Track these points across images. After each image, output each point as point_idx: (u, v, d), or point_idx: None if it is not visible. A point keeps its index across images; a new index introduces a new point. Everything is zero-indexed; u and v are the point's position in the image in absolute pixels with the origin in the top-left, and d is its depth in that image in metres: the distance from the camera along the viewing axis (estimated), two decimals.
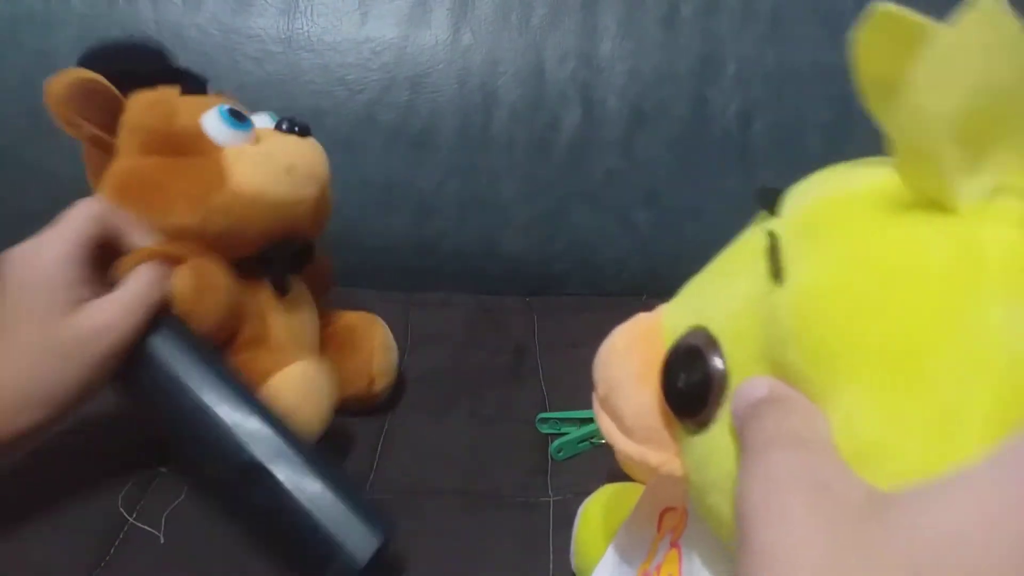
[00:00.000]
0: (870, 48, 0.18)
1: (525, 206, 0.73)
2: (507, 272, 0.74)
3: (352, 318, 0.55)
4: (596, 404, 0.27)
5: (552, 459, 0.50)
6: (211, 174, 0.42)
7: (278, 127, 0.47)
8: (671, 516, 0.30)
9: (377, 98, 0.71)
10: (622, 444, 0.25)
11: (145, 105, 0.44)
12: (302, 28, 0.71)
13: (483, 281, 0.74)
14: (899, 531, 0.14)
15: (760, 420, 0.19)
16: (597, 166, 0.73)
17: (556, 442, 0.51)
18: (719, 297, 0.23)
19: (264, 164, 0.44)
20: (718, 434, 0.21)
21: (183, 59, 0.49)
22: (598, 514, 0.37)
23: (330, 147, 0.49)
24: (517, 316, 0.69)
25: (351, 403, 0.50)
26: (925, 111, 0.16)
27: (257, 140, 0.45)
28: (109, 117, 0.43)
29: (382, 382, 0.53)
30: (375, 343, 0.53)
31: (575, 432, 0.51)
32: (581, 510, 0.39)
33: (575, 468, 0.49)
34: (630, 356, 0.25)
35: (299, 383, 0.43)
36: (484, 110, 0.72)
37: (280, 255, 0.47)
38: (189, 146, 0.43)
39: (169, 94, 0.45)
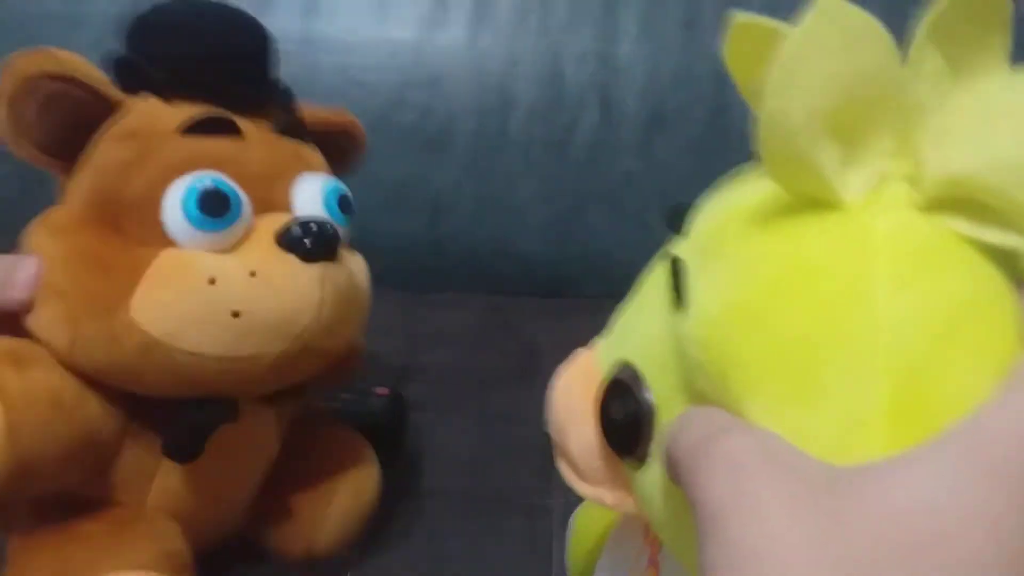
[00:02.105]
0: (739, 59, 0.18)
1: (541, 207, 0.73)
2: (521, 273, 0.74)
3: (332, 440, 0.40)
4: (555, 451, 0.26)
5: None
6: (119, 284, 0.28)
7: (281, 233, 0.30)
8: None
9: (394, 99, 0.71)
10: (578, 486, 0.24)
11: (118, 137, 0.30)
12: (320, 29, 0.71)
13: (497, 282, 0.73)
14: (870, 504, 0.14)
15: (691, 426, 0.18)
16: (614, 168, 0.72)
17: None
18: (639, 329, 0.23)
19: (192, 298, 0.29)
20: (655, 469, 0.21)
21: None
22: (589, 523, 0.37)
23: None
24: (529, 317, 0.68)
25: (304, 554, 0.37)
26: (783, 116, 0.16)
27: (237, 243, 0.30)
28: (72, 134, 0.30)
29: (348, 535, 0.39)
30: (350, 483, 0.39)
31: None
32: (573, 519, 0.38)
33: None
34: (571, 397, 0.25)
35: None
36: (501, 111, 0.72)
37: (195, 417, 0.31)
38: (133, 225, 0.29)
39: (168, 120, 0.30)
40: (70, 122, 0.29)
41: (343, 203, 0.34)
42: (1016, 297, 0.16)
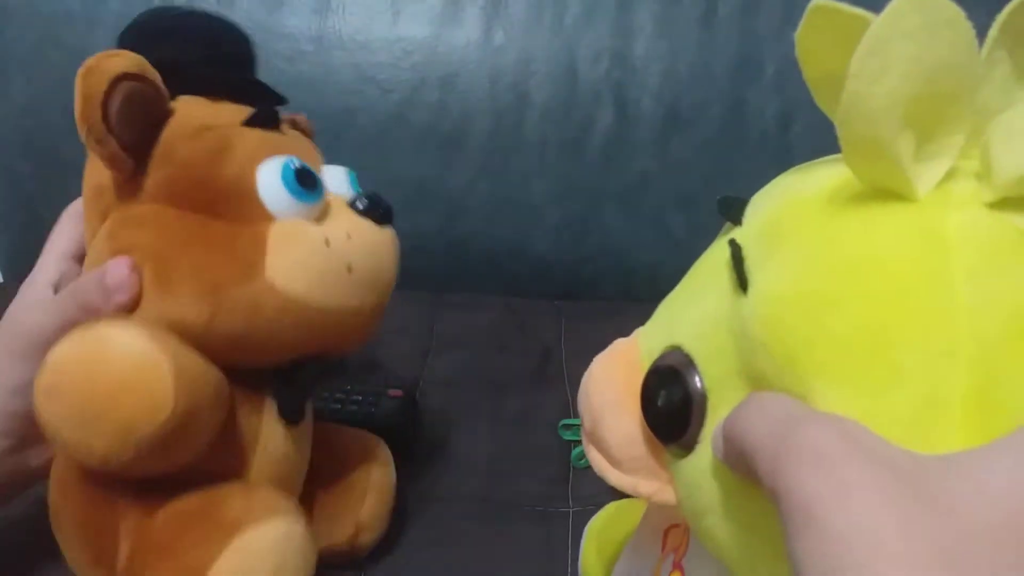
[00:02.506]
0: (812, 44, 0.18)
1: (556, 207, 0.72)
2: (537, 274, 0.74)
3: (349, 440, 0.42)
4: (584, 438, 0.26)
5: (573, 467, 0.49)
6: (245, 255, 0.30)
7: (354, 204, 0.34)
8: (675, 533, 0.29)
9: (408, 97, 0.71)
10: (613, 477, 0.24)
11: (192, 131, 0.32)
12: (334, 27, 0.71)
13: (512, 283, 0.73)
14: (964, 489, 0.14)
15: (765, 414, 0.17)
16: (630, 168, 0.71)
17: (577, 449, 0.50)
18: (690, 314, 0.22)
19: (317, 258, 0.32)
20: (704, 456, 0.20)
21: None
22: (603, 533, 0.36)
23: (361, 146, 0.48)
24: (545, 319, 0.68)
25: (325, 556, 0.37)
26: (866, 100, 0.16)
27: (322, 214, 0.33)
28: (146, 131, 0.31)
29: (369, 535, 0.40)
30: (370, 482, 0.40)
31: None
32: (587, 529, 0.38)
33: (596, 478, 0.48)
34: (610, 384, 0.24)
35: (278, 548, 0.31)
36: (516, 110, 0.71)
37: (304, 376, 0.35)
38: (231, 206, 0.31)
39: (226, 115, 0.33)
40: (143, 119, 0.31)
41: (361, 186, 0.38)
42: None
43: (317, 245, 0.32)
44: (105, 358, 0.27)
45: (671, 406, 0.21)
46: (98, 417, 0.26)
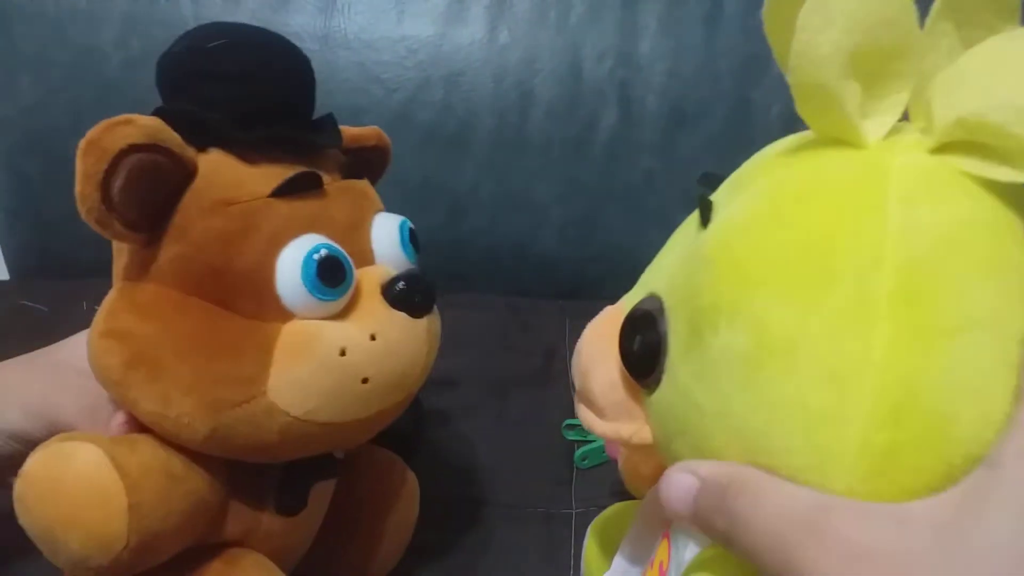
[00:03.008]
0: (775, 23, 0.20)
1: (560, 207, 0.72)
2: (540, 274, 0.73)
3: (373, 477, 0.40)
4: (575, 398, 0.28)
5: (577, 468, 0.49)
6: (248, 368, 0.28)
7: (387, 290, 0.30)
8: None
9: (413, 96, 0.71)
10: (597, 426, 0.26)
11: (210, 204, 0.28)
12: (339, 26, 0.71)
13: (516, 282, 0.73)
14: (977, 541, 0.15)
15: (779, 500, 0.18)
16: (635, 167, 0.71)
17: (581, 449, 0.50)
18: (662, 264, 0.25)
19: (325, 374, 0.28)
20: (667, 381, 0.22)
21: None
22: (604, 533, 0.36)
23: None
24: (549, 319, 0.68)
25: None
26: (812, 49, 0.18)
27: (348, 306, 0.30)
28: (158, 205, 0.28)
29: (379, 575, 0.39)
30: (385, 534, 0.38)
31: (601, 440, 0.50)
32: (589, 531, 0.38)
33: (599, 479, 0.48)
34: (596, 342, 0.26)
35: None
36: (520, 109, 0.71)
37: (308, 476, 0.32)
38: (244, 299, 0.28)
39: (255, 181, 0.28)
40: (152, 194, 0.27)
41: (413, 238, 0.34)
42: (1021, 232, 0.18)
43: (328, 358, 0.28)
44: (64, 481, 0.26)
45: (644, 346, 0.23)
46: (57, 541, 0.26)
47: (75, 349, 0.33)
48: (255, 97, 0.29)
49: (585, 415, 0.27)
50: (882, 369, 0.17)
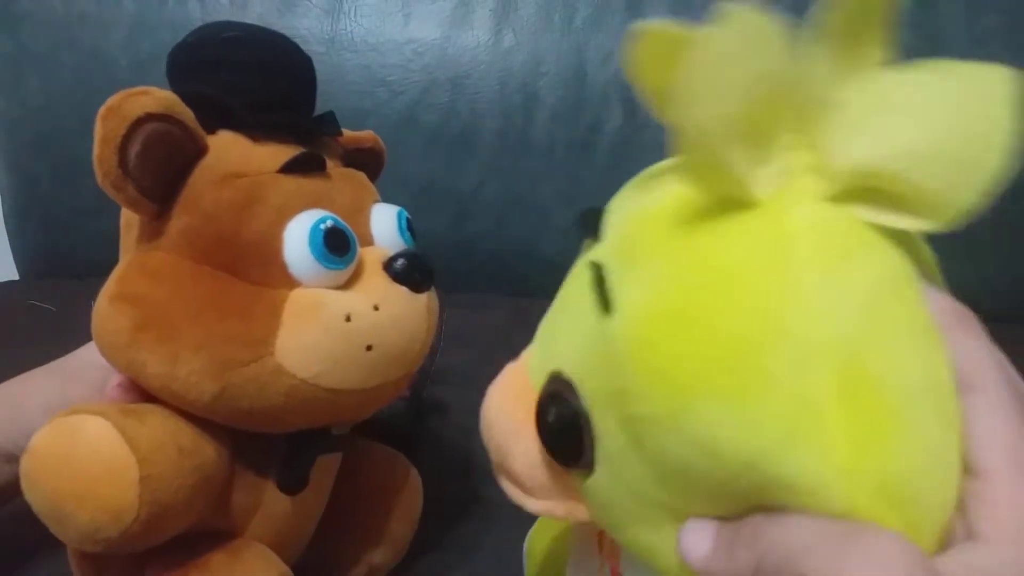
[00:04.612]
0: (644, 63, 0.19)
1: (565, 209, 0.72)
2: (545, 275, 0.73)
3: (378, 473, 0.40)
4: (495, 469, 0.26)
5: None
6: (257, 330, 0.28)
7: (390, 266, 0.31)
8: (608, 539, 0.28)
9: (418, 99, 0.71)
10: (527, 504, 0.24)
11: (220, 177, 0.29)
12: (345, 29, 0.71)
13: (520, 283, 0.73)
14: None
15: (826, 547, 0.16)
16: (639, 169, 0.71)
17: None
18: (564, 337, 0.23)
19: (332, 338, 0.29)
20: (604, 473, 0.21)
21: None
22: (543, 547, 0.36)
23: None
24: None
25: None
26: (695, 122, 0.16)
27: (352, 278, 0.30)
28: (171, 175, 0.29)
29: (381, 571, 0.39)
30: (388, 531, 0.39)
31: None
32: (526, 545, 0.37)
33: None
34: (507, 415, 0.24)
35: None
36: (525, 111, 0.71)
37: (310, 450, 0.33)
38: (252, 267, 0.29)
39: (263, 158, 0.30)
40: (166, 164, 0.28)
41: (410, 227, 0.35)
42: (917, 276, 0.17)
43: (334, 323, 0.29)
44: (74, 455, 0.26)
45: (563, 432, 0.21)
46: (66, 515, 0.26)
47: (92, 348, 0.34)
48: (264, 86, 0.31)
49: (511, 490, 0.25)
50: (848, 474, 0.16)
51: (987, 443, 0.16)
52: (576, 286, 0.23)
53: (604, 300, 0.20)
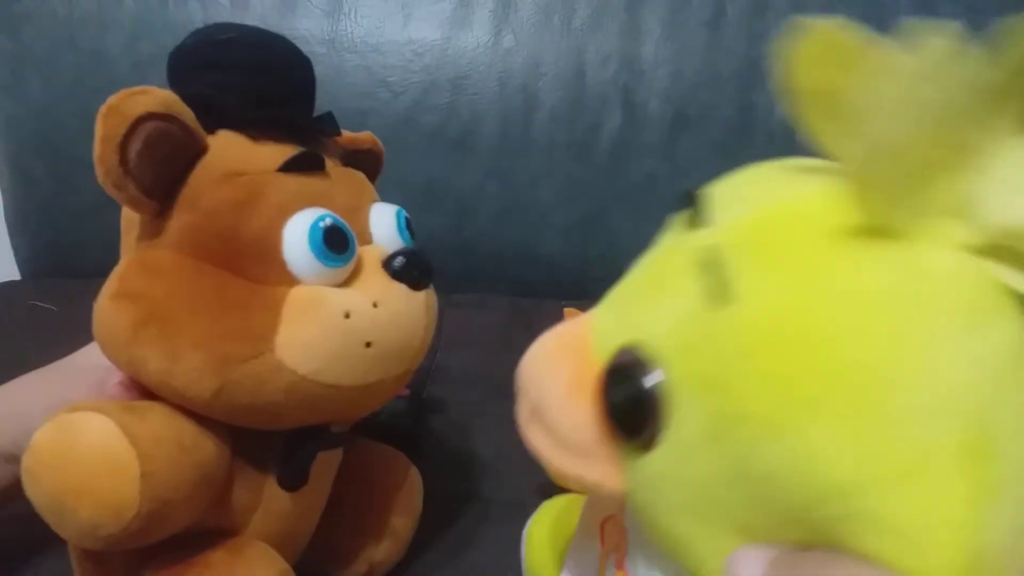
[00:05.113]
0: (808, 64, 0.18)
1: (564, 209, 0.72)
2: (544, 276, 0.74)
3: (378, 471, 0.40)
4: (523, 416, 0.25)
5: None
6: (256, 326, 0.28)
7: (389, 264, 0.32)
8: (612, 526, 0.28)
9: (418, 100, 0.71)
10: (557, 460, 0.24)
11: (220, 175, 0.29)
12: (346, 30, 0.71)
13: (520, 284, 0.73)
14: None
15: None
16: (638, 170, 0.71)
17: None
18: (653, 312, 0.22)
19: (332, 335, 0.29)
20: (668, 456, 0.20)
21: None
22: (543, 535, 0.35)
23: None
24: (553, 321, 0.68)
25: None
26: (883, 145, 0.16)
27: (351, 276, 0.31)
28: (171, 173, 0.29)
29: (382, 570, 0.39)
30: (389, 527, 0.39)
31: None
32: (525, 534, 0.37)
33: None
34: (561, 367, 0.24)
35: None
36: (524, 112, 0.72)
37: (309, 447, 0.33)
38: (252, 265, 0.29)
39: (263, 157, 0.30)
40: (167, 162, 0.28)
41: (409, 226, 0.35)
42: None
43: (333, 320, 0.29)
44: (75, 451, 0.26)
45: (632, 403, 0.21)
46: (67, 511, 0.26)
47: (92, 350, 0.34)
48: (261, 86, 0.31)
49: (539, 441, 0.24)
50: (953, 529, 0.16)
51: None
52: (674, 263, 0.22)
53: (721, 287, 0.19)
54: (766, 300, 0.18)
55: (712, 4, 0.72)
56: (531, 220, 0.73)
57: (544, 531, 0.36)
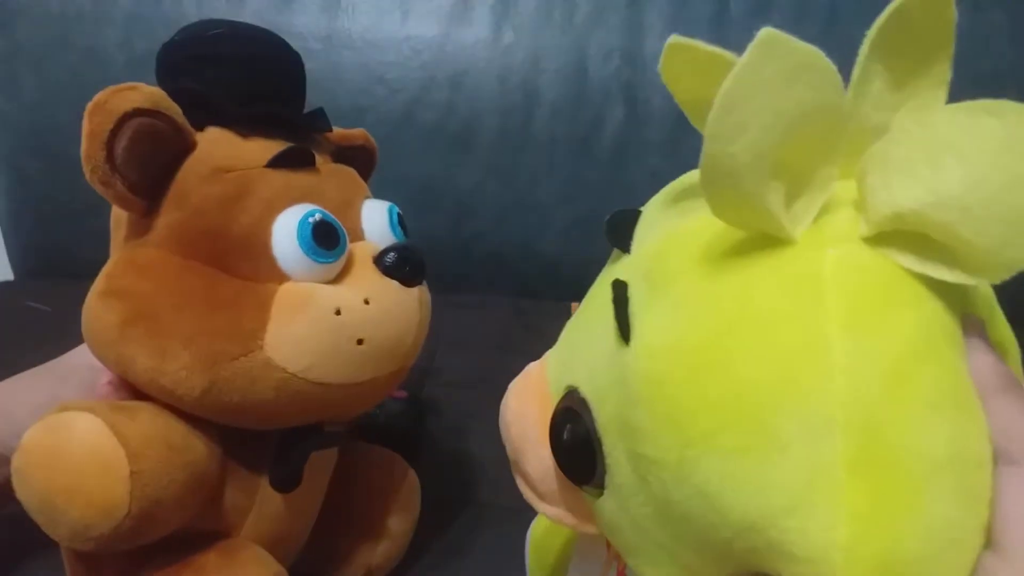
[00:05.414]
0: (679, 76, 0.18)
1: (565, 208, 0.72)
2: (545, 275, 0.73)
3: (375, 472, 0.40)
4: (512, 468, 0.25)
5: None
6: (245, 323, 0.28)
7: (380, 260, 0.31)
8: None
9: (417, 97, 0.71)
10: (539, 507, 0.24)
11: (208, 172, 0.29)
12: (343, 26, 0.70)
13: (520, 283, 0.73)
14: None
15: None
16: (641, 167, 0.71)
17: None
18: (584, 353, 0.22)
19: (322, 332, 0.29)
20: (613, 500, 0.20)
21: None
22: (547, 539, 0.35)
23: None
24: (553, 320, 0.67)
25: None
26: (726, 160, 0.15)
27: (342, 272, 0.30)
28: (159, 170, 0.29)
29: (380, 573, 0.39)
30: (387, 528, 0.38)
31: None
32: (529, 536, 0.37)
33: None
34: (526, 418, 0.24)
35: None
36: (525, 109, 0.71)
37: (302, 447, 0.32)
38: (241, 262, 0.29)
39: (252, 154, 0.30)
40: (153, 158, 0.28)
41: (401, 223, 0.35)
42: (960, 332, 0.16)
43: (324, 316, 0.29)
44: (65, 451, 0.26)
45: (575, 452, 0.21)
46: (57, 511, 0.26)
47: (85, 350, 0.33)
48: (250, 81, 0.31)
49: (525, 491, 0.24)
50: (848, 551, 0.15)
51: (1013, 521, 0.15)
52: (600, 300, 0.22)
53: (624, 325, 0.19)
54: (655, 336, 0.18)
55: (715, 0, 0.71)
56: (531, 219, 0.72)
57: (548, 533, 0.35)
